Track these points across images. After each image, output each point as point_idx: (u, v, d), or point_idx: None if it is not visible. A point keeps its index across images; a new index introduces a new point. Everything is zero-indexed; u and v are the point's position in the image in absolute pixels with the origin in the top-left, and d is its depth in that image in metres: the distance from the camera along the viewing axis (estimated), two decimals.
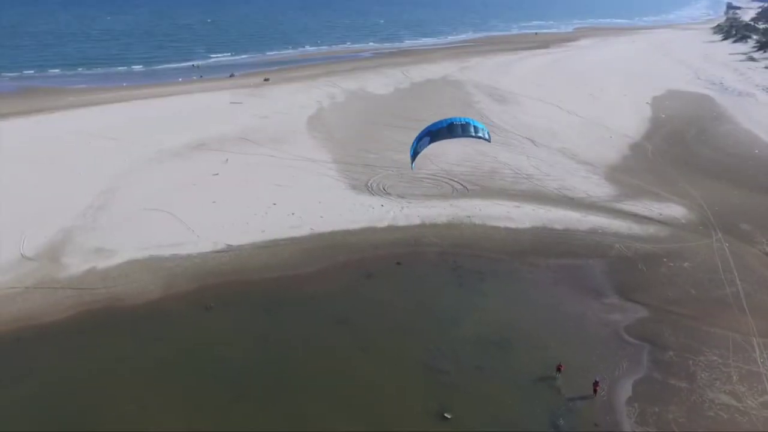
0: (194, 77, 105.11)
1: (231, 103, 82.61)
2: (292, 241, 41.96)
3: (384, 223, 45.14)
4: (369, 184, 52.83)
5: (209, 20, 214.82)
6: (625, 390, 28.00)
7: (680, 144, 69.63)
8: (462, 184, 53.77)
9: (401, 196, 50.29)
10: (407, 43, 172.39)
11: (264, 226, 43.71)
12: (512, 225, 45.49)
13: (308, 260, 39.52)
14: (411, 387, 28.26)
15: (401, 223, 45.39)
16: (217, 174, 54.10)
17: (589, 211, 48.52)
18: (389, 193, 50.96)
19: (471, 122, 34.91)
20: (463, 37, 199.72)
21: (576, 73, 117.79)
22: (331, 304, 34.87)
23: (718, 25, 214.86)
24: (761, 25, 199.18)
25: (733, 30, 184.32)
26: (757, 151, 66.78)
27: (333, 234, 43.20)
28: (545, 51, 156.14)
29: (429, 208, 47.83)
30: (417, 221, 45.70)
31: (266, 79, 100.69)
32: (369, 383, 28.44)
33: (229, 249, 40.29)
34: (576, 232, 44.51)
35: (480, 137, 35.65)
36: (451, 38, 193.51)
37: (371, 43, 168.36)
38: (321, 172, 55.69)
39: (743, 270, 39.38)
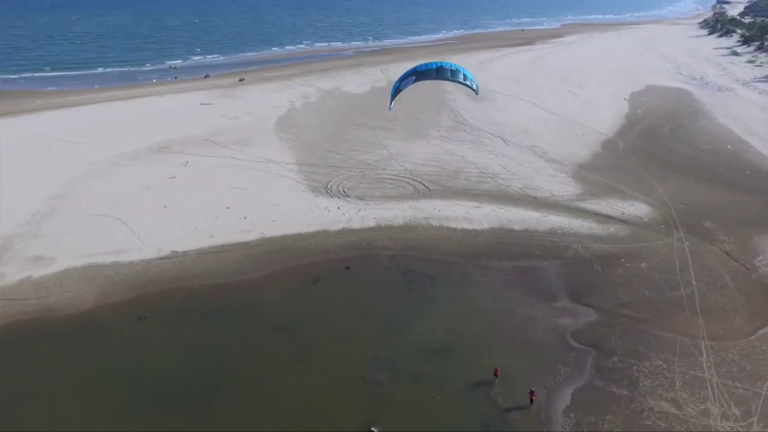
0: (169, 78, 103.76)
1: (201, 104, 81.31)
2: (241, 246, 40.79)
3: (338, 226, 44.00)
4: (329, 186, 51.68)
5: (196, 21, 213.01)
6: (564, 399, 26.94)
7: (653, 140, 68.67)
8: (425, 185, 52.67)
9: (360, 198, 49.16)
10: (392, 42, 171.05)
11: (213, 230, 42.54)
12: (470, 226, 44.41)
13: (254, 266, 38.36)
14: (341, 399, 27.16)
15: (356, 225, 44.27)
16: (173, 177, 52.87)
17: (551, 210, 47.46)
18: (348, 195, 49.81)
19: (461, 70, 35.32)
20: (449, 34, 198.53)
21: (557, 70, 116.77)
22: (272, 311, 33.74)
23: (705, 20, 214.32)
24: (747, 20, 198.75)
25: (718, 24, 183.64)
26: (729, 147, 65.84)
27: (284, 238, 42.05)
28: (529, 48, 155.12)
29: (386, 210, 46.72)
30: (372, 223, 44.58)
31: (241, 80, 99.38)
32: (299, 395, 27.33)
33: (174, 255, 39.09)
34: (534, 233, 43.45)
35: (467, 85, 35.88)
36: (437, 36, 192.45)
37: (354, 42, 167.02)
38: (281, 174, 54.51)
39: (701, 270, 38.38)
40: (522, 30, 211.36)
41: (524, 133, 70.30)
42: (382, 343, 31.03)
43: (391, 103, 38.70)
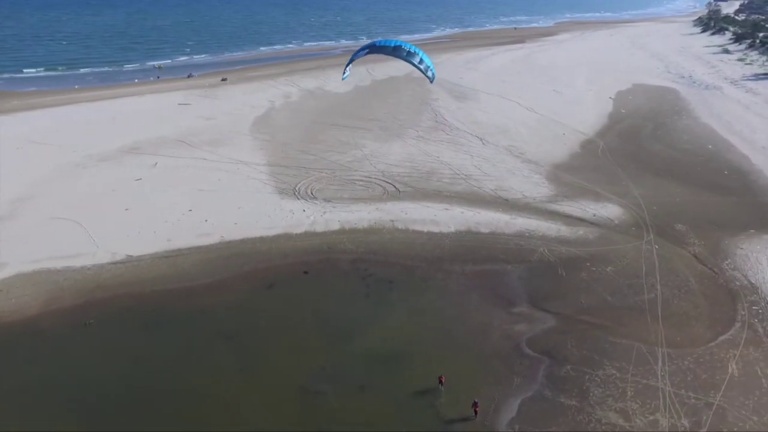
0: (152, 78, 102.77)
1: (179, 104, 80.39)
2: (198, 250, 39.88)
3: (301, 229, 43.10)
4: (297, 188, 50.76)
5: (188, 21, 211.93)
6: (510, 410, 26.07)
7: (634, 140, 67.74)
8: (395, 186, 51.76)
9: (327, 200, 48.24)
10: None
11: (172, 234, 41.63)
12: (436, 229, 43.49)
13: (209, 271, 37.46)
14: (281, 412, 26.26)
15: (319, 228, 43.36)
16: (140, 179, 51.96)
17: (521, 212, 46.56)
18: (316, 197, 48.91)
19: (419, 52, 34.78)
20: (441, 33, 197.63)
21: (545, 69, 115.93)
22: (221, 318, 32.85)
23: (699, 18, 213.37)
24: (741, 17, 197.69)
25: (711, 22, 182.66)
26: (710, 147, 64.90)
27: (243, 242, 41.15)
28: (520, 46, 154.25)
29: (352, 213, 45.81)
30: (336, 226, 43.68)
31: (224, 79, 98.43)
32: (238, 407, 26.45)
33: (128, 260, 38.20)
34: (501, 236, 42.53)
35: (421, 70, 34.99)
36: (429, 35, 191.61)
37: (345, 41, 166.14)
38: (251, 175, 53.60)
39: (667, 274, 37.48)
40: (515, 28, 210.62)
41: (503, 133, 69.39)
42: (331, 352, 30.17)
43: (344, 73, 38.97)
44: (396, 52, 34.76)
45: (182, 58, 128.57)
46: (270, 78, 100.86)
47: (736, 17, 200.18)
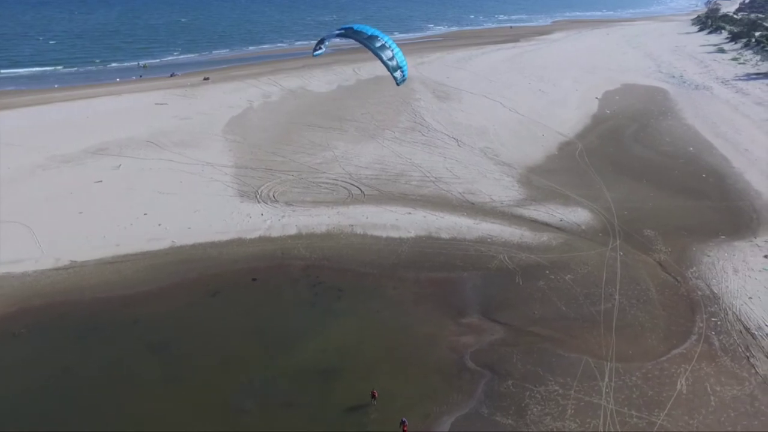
0: (134, 77, 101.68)
1: (156, 104, 79.30)
2: (146, 255, 38.74)
3: (255, 234, 41.90)
4: (259, 191, 49.55)
5: (182, 20, 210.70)
6: (441, 428, 24.84)
7: (614, 142, 66.23)
8: (361, 189, 50.49)
9: (288, 204, 47.02)
10: None
11: (121, 239, 40.49)
12: (395, 234, 42.22)
13: (154, 277, 36.31)
14: (201, 430, 25.13)
15: (275, 233, 42.15)
16: (100, 181, 50.85)
17: (486, 217, 45.23)
18: (277, 200, 47.69)
19: (393, 47, 32.49)
20: (436, 32, 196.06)
21: (534, 68, 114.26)
22: (156, 328, 31.70)
23: (698, 17, 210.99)
24: (740, 16, 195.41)
25: (709, 21, 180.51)
26: (691, 149, 63.34)
27: (194, 247, 39.98)
28: (512, 45, 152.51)
29: (311, 217, 44.59)
30: (293, 231, 42.45)
31: (206, 78, 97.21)
32: (155, 424, 25.27)
33: (71, 266, 37.09)
34: (461, 242, 41.22)
35: (388, 67, 32.85)
36: (423, 34, 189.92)
37: (336, 40, 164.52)
38: (214, 177, 52.41)
39: (628, 282, 36.12)
40: (510, 27, 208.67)
41: (481, 135, 67.98)
42: (264, 364, 28.96)
43: (315, 50, 37.71)
44: (370, 41, 32.29)
45: (170, 57, 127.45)
46: (253, 77, 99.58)
47: (735, 16, 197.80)
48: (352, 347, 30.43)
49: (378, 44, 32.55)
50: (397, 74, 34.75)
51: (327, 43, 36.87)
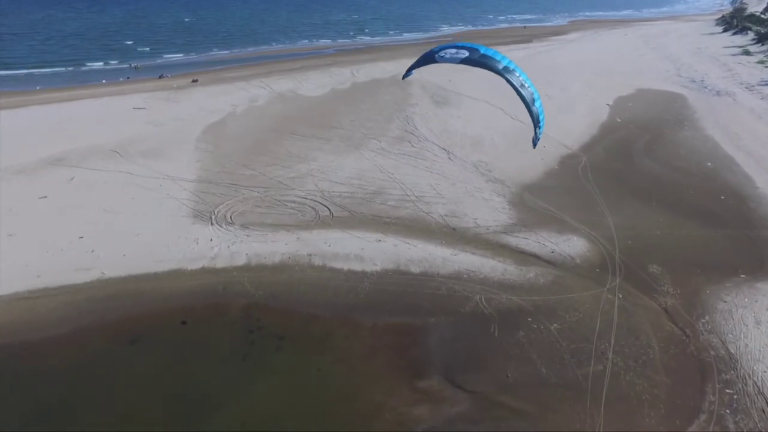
0: (121, 79, 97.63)
1: (134, 108, 74.87)
2: (68, 289, 33.83)
3: (198, 264, 36.76)
4: (216, 211, 44.43)
5: (187, 20, 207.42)
6: None
7: (623, 155, 59.88)
8: (330, 210, 45.12)
9: (244, 227, 41.84)
10: (383, 39, 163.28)
11: (46, 268, 35.66)
12: (358, 267, 36.76)
13: (69, 317, 31.34)
14: None
15: (221, 263, 36.97)
16: (45, 197, 46.25)
17: (466, 246, 39.52)
18: (233, 223, 42.54)
19: (534, 92, 24.07)
20: (447, 31, 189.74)
21: (544, 70, 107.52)
22: (53, 384, 26.70)
23: (722, 16, 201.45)
24: (767, 16, 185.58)
25: (734, 21, 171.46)
26: (709, 164, 56.75)
27: (125, 280, 35.01)
28: (525, 46, 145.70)
29: (266, 243, 39.31)
30: (242, 261, 37.23)
31: (195, 80, 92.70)
32: None
33: None
34: (433, 278, 35.63)
35: (524, 101, 24.07)
36: (434, 34, 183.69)
37: (342, 40, 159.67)
38: (171, 194, 47.47)
39: (626, 336, 30.23)
40: (524, 27, 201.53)
41: (476, 145, 62.13)
42: None
43: (407, 75, 28.03)
44: (506, 75, 23.31)
45: (165, 58, 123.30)
46: (244, 79, 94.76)
47: (762, 15, 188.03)
48: (281, 416, 25.12)
49: (515, 80, 23.62)
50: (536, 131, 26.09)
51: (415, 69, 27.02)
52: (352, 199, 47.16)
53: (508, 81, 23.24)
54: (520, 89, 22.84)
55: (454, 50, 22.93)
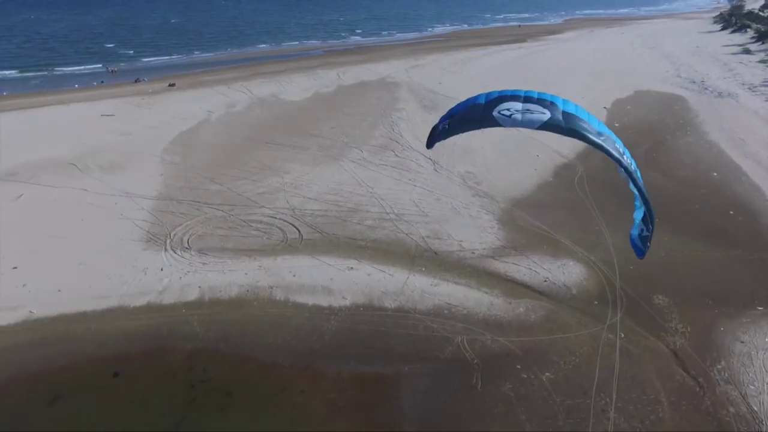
0: (95, 83, 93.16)
1: (102, 115, 70.41)
2: None
3: (143, 300, 32.39)
4: (173, 234, 40.02)
5: (174, 20, 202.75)
6: None
7: None
8: (300, 231, 40.77)
9: (201, 252, 37.45)
10: (373, 40, 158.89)
11: None
12: (325, 301, 32.46)
13: None
14: None
15: (169, 299, 32.60)
16: None
17: (449, 274, 35.21)
18: (189, 248, 38.17)
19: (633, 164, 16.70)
20: (439, 31, 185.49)
21: (538, 72, 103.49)
22: None
23: (720, 14, 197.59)
24: (765, 13, 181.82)
25: (733, 19, 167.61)
26: (715, 174, 52.54)
27: (55, 321, 30.57)
28: (518, 45, 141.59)
29: (224, 273, 34.95)
30: (193, 295, 32.87)
31: (171, 85, 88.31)
32: None
33: None
34: (410, 315, 31.34)
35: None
36: (425, 33, 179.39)
37: (332, 41, 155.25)
38: (126, 213, 43.05)
39: (629, 388, 25.97)
40: (519, 26, 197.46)
41: (464, 155, 57.81)
42: None
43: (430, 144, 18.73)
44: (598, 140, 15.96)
45: (146, 60, 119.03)
46: (224, 83, 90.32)
47: (761, 13, 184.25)
48: None
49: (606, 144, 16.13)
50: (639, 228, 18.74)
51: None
52: (325, 218, 42.83)
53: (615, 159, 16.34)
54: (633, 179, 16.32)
55: (519, 105, 15.56)
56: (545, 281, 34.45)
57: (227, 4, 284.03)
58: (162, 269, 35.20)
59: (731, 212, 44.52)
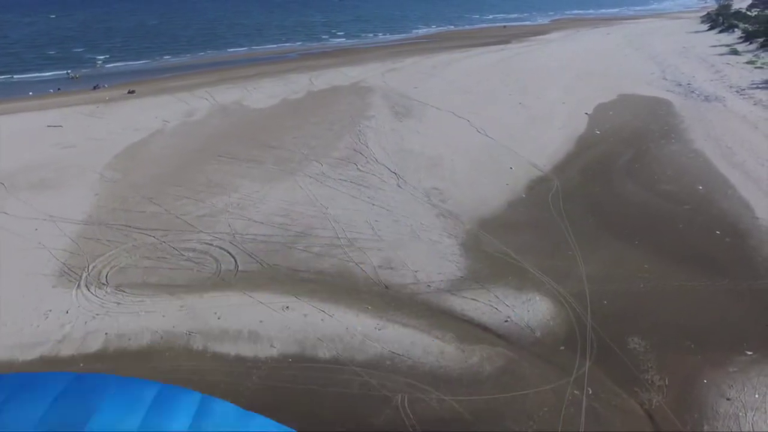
0: (51, 90, 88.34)
1: (48, 126, 65.66)
2: None
3: (35, 353, 27.77)
4: (93, 265, 35.54)
5: (151, 23, 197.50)
6: None
7: (600, 178, 51.54)
8: (237, 261, 36.31)
9: (118, 289, 32.95)
10: (353, 42, 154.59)
11: None
12: (249, 351, 28.03)
13: None
14: None
15: (68, 349, 28.04)
16: None
17: (398, 314, 30.93)
18: (106, 283, 33.67)
19: None
20: (423, 32, 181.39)
21: (520, 74, 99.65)
22: None
23: (708, 14, 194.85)
24: (754, 12, 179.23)
25: (720, 18, 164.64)
26: (701, 188, 48.56)
27: None
28: (502, 47, 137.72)
29: (139, 315, 30.50)
30: (96, 346, 28.36)
31: (131, 92, 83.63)
32: None
33: None
34: (345, 368, 26.98)
35: None
36: (408, 35, 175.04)
37: (310, 43, 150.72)
38: (45, 241, 38.47)
39: None
40: (504, 26, 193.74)
41: (432, 168, 53.56)
42: None
43: None
44: None
45: (113, 65, 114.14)
46: (188, 89, 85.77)
47: (748, 12, 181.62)
48: None
49: None
50: None
51: None
52: (268, 245, 38.40)
53: None
54: None
55: None
56: (506, 321, 30.20)
57: (209, 6, 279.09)
58: (68, 311, 30.66)
59: (718, 232, 40.47)
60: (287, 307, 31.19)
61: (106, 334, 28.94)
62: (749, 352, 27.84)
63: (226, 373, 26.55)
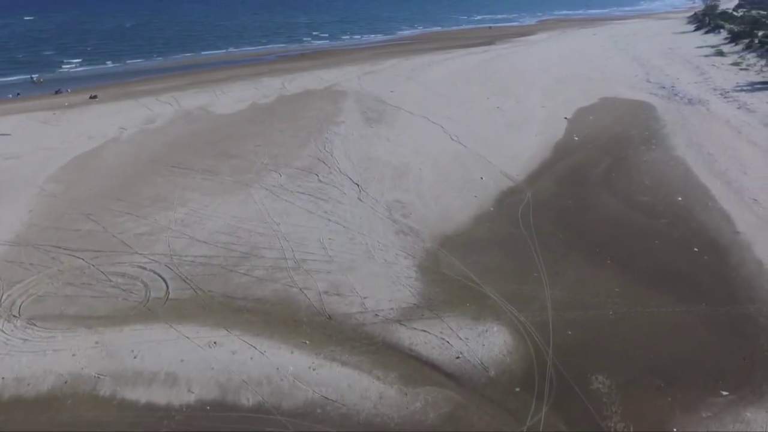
0: (10, 96, 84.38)
1: None
2: None
3: None
4: (8, 294, 32.16)
5: (128, 25, 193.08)
6: None
7: (575, 188, 48.59)
8: (168, 286, 33.03)
9: (29, 323, 29.54)
10: (336, 43, 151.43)
11: None
12: (162, 398, 24.78)
13: None
14: None
15: None
16: None
17: (339, 349, 27.74)
18: (17, 316, 30.26)
19: None
20: (406, 34, 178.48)
21: (501, 77, 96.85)
22: None
23: (694, 14, 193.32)
24: (739, 13, 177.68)
25: (706, 19, 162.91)
26: (680, 199, 45.72)
27: None
28: (484, 48, 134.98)
29: (46, 354, 27.09)
30: None
31: (93, 97, 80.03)
32: None
33: None
34: (270, 416, 23.66)
35: None
36: (390, 36, 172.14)
37: (290, 45, 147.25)
38: None
39: None
40: (489, 27, 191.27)
41: (398, 178, 50.41)
42: None
43: None
44: None
45: (79, 69, 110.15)
46: (153, 94, 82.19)
47: (734, 13, 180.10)
48: None
49: None
50: None
51: None
52: (206, 268, 35.10)
53: None
54: None
55: None
56: (458, 358, 27.10)
57: (195, 8, 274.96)
58: None
59: (696, 249, 37.59)
60: (214, 343, 27.96)
61: (2, 378, 25.60)
62: (725, 392, 24.90)
63: (131, 424, 23.28)
